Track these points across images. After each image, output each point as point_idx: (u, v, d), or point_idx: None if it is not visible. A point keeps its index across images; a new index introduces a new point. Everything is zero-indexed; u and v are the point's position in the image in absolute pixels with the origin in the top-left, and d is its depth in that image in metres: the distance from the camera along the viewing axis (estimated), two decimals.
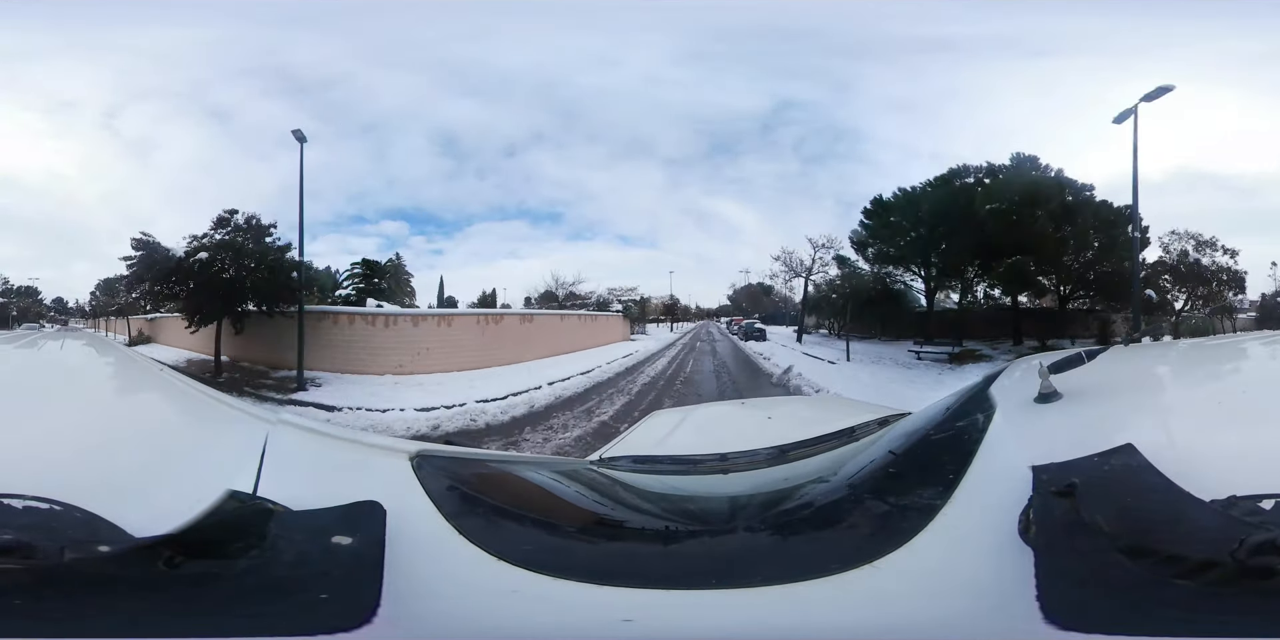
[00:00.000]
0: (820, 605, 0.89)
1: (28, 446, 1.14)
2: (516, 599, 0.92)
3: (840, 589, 0.90)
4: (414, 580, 0.89)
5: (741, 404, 3.52)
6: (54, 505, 0.88)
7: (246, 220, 14.73)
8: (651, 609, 0.91)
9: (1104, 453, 0.91)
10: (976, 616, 0.78)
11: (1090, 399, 1.31)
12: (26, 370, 2.15)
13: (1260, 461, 0.90)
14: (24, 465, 1.02)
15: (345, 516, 0.97)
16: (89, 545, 0.82)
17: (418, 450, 1.38)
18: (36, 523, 0.85)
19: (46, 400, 1.57)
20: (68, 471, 1.02)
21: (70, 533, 0.84)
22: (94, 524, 0.87)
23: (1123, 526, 0.79)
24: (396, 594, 0.87)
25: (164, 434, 1.46)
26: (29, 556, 0.79)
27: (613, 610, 0.90)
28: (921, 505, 1.04)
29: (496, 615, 0.90)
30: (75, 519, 0.87)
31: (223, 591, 0.84)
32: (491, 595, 0.93)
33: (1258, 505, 0.78)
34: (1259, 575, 0.71)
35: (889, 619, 0.85)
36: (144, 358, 2.83)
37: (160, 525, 0.86)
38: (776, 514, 1.38)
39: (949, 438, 1.44)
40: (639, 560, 1.10)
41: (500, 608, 0.91)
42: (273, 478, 1.10)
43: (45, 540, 0.81)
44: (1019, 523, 0.86)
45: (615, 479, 1.70)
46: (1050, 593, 0.77)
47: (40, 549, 0.79)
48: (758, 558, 1.07)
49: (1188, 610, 0.73)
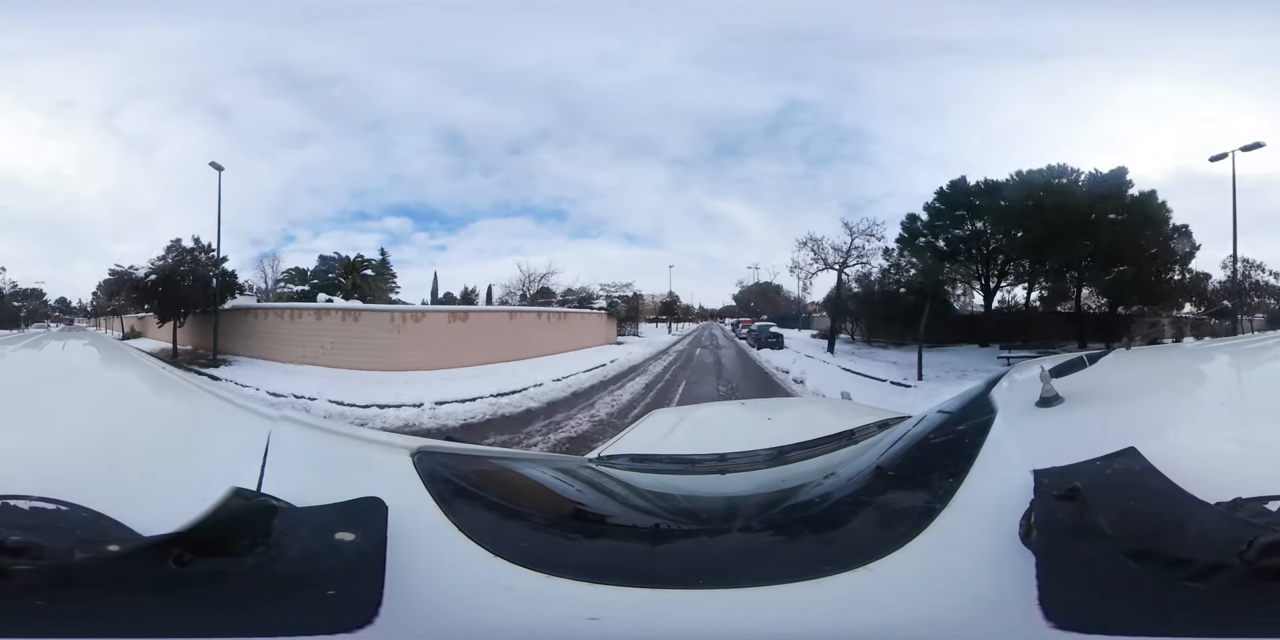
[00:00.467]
0: (809, 607, 0.88)
1: (33, 447, 1.15)
2: (510, 596, 0.92)
3: (832, 591, 0.89)
4: (415, 577, 0.89)
5: (741, 404, 3.53)
6: (61, 505, 0.87)
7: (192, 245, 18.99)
8: (645, 607, 0.91)
9: (1106, 456, 0.91)
10: (973, 619, 0.77)
11: (1092, 402, 1.31)
12: (29, 371, 2.17)
13: (1264, 463, 0.90)
14: (30, 466, 1.02)
15: (348, 513, 0.97)
16: (99, 545, 0.82)
17: (419, 446, 1.38)
18: (45, 523, 0.85)
19: (50, 401, 1.58)
20: (73, 471, 1.02)
21: (79, 533, 0.84)
22: (102, 524, 0.86)
23: (1127, 529, 0.78)
24: (398, 590, 0.87)
25: (168, 432, 1.46)
26: (40, 557, 0.78)
27: (606, 608, 0.90)
28: (920, 509, 1.03)
29: (492, 612, 0.90)
30: (83, 519, 0.87)
31: (232, 589, 0.84)
32: (487, 593, 0.93)
33: (1263, 507, 0.77)
34: (1268, 577, 0.70)
35: (880, 621, 0.84)
36: (146, 356, 2.84)
37: (167, 523, 0.86)
38: (772, 515, 1.37)
39: (949, 441, 1.43)
40: (635, 558, 1.09)
41: (495, 605, 0.91)
42: (276, 474, 1.10)
43: (55, 541, 0.80)
44: (1020, 526, 0.85)
45: (614, 477, 1.70)
46: (1054, 595, 0.76)
47: (51, 549, 0.79)
48: (752, 558, 1.07)
49: (1198, 612, 0.72)
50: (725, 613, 0.89)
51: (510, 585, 0.92)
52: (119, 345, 4.13)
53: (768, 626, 0.87)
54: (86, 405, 1.59)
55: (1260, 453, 0.95)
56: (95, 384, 2.05)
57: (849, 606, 0.88)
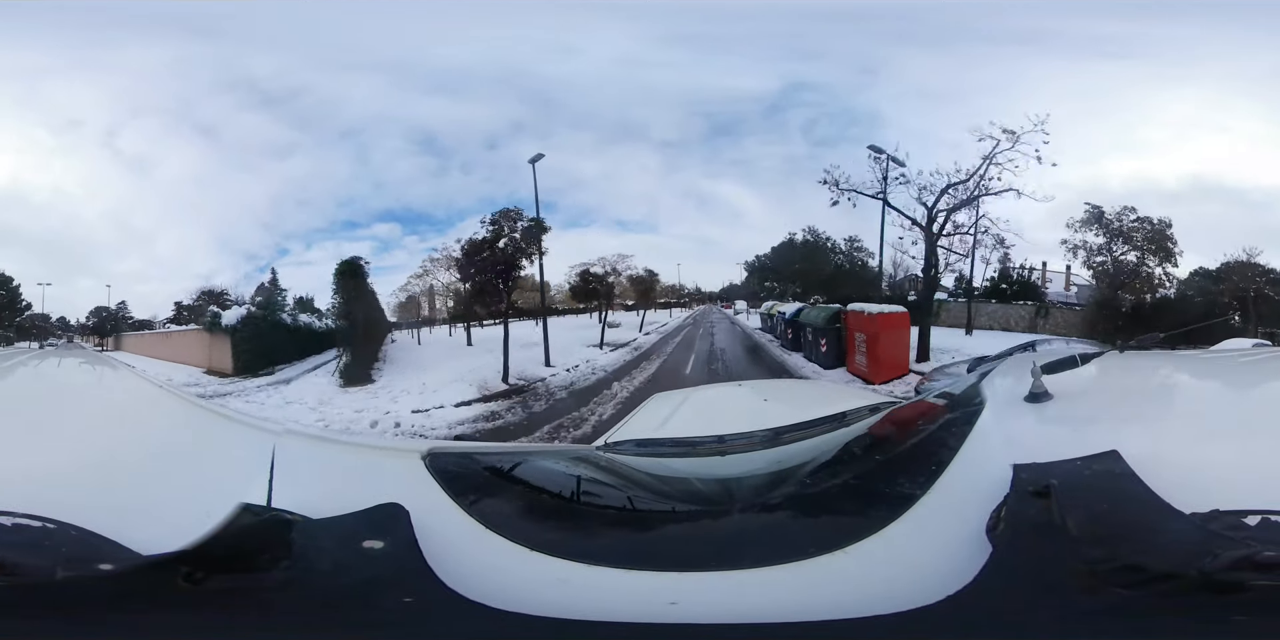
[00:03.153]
0: (793, 588, 0.90)
1: (23, 464, 1.11)
2: (566, 587, 0.92)
3: (813, 573, 0.90)
4: (462, 577, 0.88)
5: (739, 386, 3.55)
6: (47, 523, 0.86)
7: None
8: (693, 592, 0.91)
9: (1087, 457, 0.91)
10: (927, 608, 0.78)
11: (1080, 402, 1.31)
12: (23, 387, 2.06)
13: (1246, 476, 0.89)
14: (22, 484, 1.00)
15: (369, 521, 0.96)
16: (85, 563, 0.80)
17: (428, 449, 1.38)
18: (26, 541, 0.83)
19: (43, 417, 1.53)
20: (65, 490, 1.00)
21: (65, 550, 0.82)
22: (91, 542, 0.85)
23: (1092, 531, 0.78)
24: (451, 593, 0.85)
25: (166, 450, 1.41)
26: (13, 574, 0.77)
27: (657, 594, 0.89)
28: (901, 495, 1.05)
29: (547, 605, 0.88)
30: (70, 537, 0.85)
31: (260, 604, 0.83)
32: (543, 586, 0.92)
33: (1241, 520, 0.77)
34: (1227, 590, 0.70)
35: (849, 604, 0.85)
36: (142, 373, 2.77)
37: (171, 542, 0.84)
38: (767, 497, 1.40)
39: (936, 430, 1.45)
40: (658, 544, 1.11)
41: (551, 598, 0.90)
42: (285, 488, 1.09)
43: (35, 558, 0.79)
44: (989, 519, 0.86)
45: (623, 463, 1.73)
46: (993, 590, 0.77)
47: (28, 567, 0.78)
48: (748, 540, 1.08)
49: (1116, 618, 0.72)
50: (735, 593, 0.90)
51: (564, 577, 0.92)
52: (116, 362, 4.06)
53: (768, 606, 0.88)
54: (82, 422, 1.56)
55: (1244, 466, 0.94)
56: (92, 401, 1.98)
57: (828, 588, 0.89)
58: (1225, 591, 0.70)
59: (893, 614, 0.78)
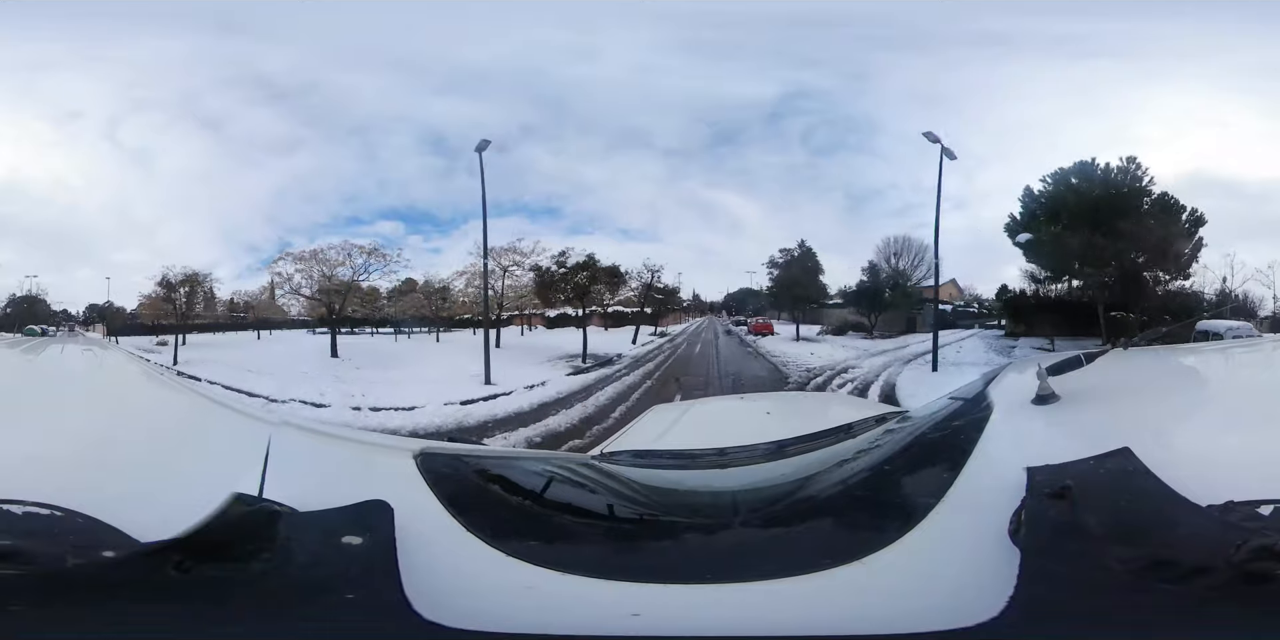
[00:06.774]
0: (807, 601, 0.89)
1: (29, 452, 1.13)
2: (532, 595, 0.91)
3: (828, 585, 0.89)
4: (430, 579, 0.88)
5: (741, 399, 3.53)
6: (55, 511, 0.86)
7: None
8: (657, 603, 0.90)
9: (1100, 456, 0.91)
10: (958, 615, 0.77)
11: (1088, 402, 1.31)
12: (26, 375, 2.11)
13: (1258, 467, 0.90)
14: (25, 471, 1.01)
15: (353, 516, 0.95)
16: (92, 551, 0.81)
17: (421, 448, 1.37)
18: (37, 528, 0.84)
19: (46, 405, 1.55)
20: (69, 477, 1.01)
21: (73, 538, 0.83)
22: (97, 529, 0.85)
23: (1115, 530, 0.78)
24: (416, 593, 0.85)
25: (166, 438, 1.42)
26: (29, 562, 0.77)
27: (621, 605, 0.89)
28: (915, 503, 1.04)
29: (513, 612, 0.88)
30: (77, 524, 0.85)
31: (239, 595, 0.83)
32: (510, 593, 0.92)
33: (1256, 511, 0.77)
34: (1252, 581, 0.70)
35: (872, 615, 0.84)
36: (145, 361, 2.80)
37: (165, 530, 0.85)
38: (772, 509, 1.38)
39: (945, 437, 1.44)
40: (644, 555, 1.10)
41: (519, 605, 0.90)
42: (278, 479, 1.09)
43: (47, 546, 0.80)
44: (1010, 523, 0.86)
45: (617, 474, 1.71)
46: (1032, 593, 0.76)
47: (41, 555, 0.78)
48: (752, 552, 1.07)
49: (1177, 614, 0.72)
50: (738, 607, 0.89)
51: (532, 585, 0.92)
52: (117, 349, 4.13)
53: (775, 619, 0.87)
54: (86, 410, 1.56)
55: (1254, 456, 0.95)
56: (93, 388, 2.00)
57: (846, 600, 0.88)
58: (1253, 582, 0.70)
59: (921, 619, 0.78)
